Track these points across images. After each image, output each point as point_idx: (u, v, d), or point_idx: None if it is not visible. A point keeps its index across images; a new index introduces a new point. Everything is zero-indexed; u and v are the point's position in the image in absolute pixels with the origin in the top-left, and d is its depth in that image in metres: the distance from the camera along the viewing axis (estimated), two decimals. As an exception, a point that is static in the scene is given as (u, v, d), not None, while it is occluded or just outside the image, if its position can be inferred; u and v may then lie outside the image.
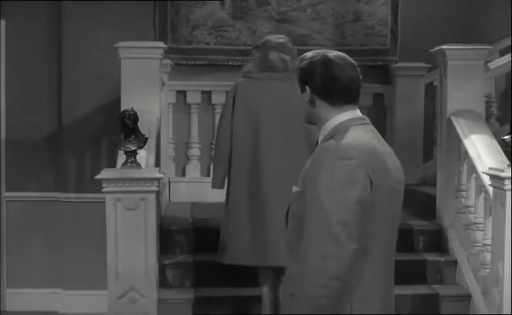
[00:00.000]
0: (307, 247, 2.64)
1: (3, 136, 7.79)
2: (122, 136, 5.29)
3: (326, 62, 2.83)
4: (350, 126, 2.80)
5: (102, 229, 5.34)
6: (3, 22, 7.74)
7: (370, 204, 2.68)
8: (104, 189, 5.18)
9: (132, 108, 5.35)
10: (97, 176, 5.20)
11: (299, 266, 2.70)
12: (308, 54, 2.89)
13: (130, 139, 5.27)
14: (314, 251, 2.62)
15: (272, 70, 5.33)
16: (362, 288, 2.72)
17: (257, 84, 5.33)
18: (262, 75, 5.33)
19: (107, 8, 7.62)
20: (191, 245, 6.23)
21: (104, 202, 5.26)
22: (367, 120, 2.88)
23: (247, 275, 5.92)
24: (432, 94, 7.74)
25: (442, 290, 5.99)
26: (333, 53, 2.87)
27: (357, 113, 2.85)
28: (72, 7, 7.67)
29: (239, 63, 7.93)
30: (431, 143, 7.79)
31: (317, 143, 2.91)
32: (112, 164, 6.07)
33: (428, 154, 7.90)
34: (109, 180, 5.16)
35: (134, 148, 5.26)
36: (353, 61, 2.88)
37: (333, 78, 2.81)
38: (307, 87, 2.84)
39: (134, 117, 5.30)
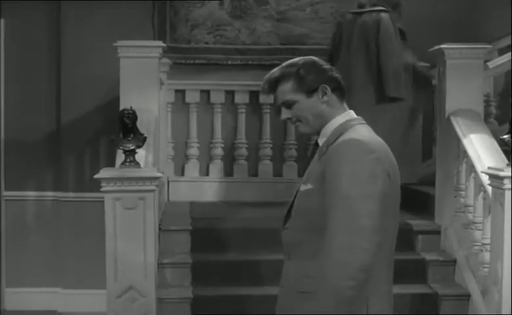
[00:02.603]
0: (332, 240, 2.65)
1: (2, 136, 7.81)
2: (121, 136, 5.29)
3: (320, 60, 2.96)
4: (353, 125, 2.87)
5: (101, 228, 5.34)
6: (3, 21, 7.77)
7: (387, 199, 2.74)
8: (102, 189, 5.17)
9: (131, 107, 5.35)
10: (96, 176, 5.20)
11: (311, 261, 2.77)
12: (295, 60, 2.95)
13: (129, 138, 5.26)
14: (340, 243, 2.63)
15: (359, 6, 6.94)
16: (376, 284, 2.75)
17: (351, 15, 6.99)
18: (354, 10, 6.96)
19: (106, 8, 7.64)
20: (190, 245, 6.24)
21: (102, 201, 5.26)
22: (364, 121, 2.94)
23: (247, 274, 5.94)
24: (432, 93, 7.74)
25: (441, 289, 5.99)
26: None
27: (354, 113, 2.94)
28: (71, 7, 7.68)
29: (238, 62, 7.99)
30: (430, 142, 7.79)
31: (316, 144, 2.94)
32: (111, 163, 6.06)
33: (427, 153, 7.88)
34: (108, 180, 5.16)
35: (133, 147, 5.26)
36: None
37: (334, 72, 2.95)
38: (325, 85, 2.88)
39: (133, 116, 5.30)
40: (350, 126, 2.86)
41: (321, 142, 2.91)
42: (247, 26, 8.08)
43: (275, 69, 2.95)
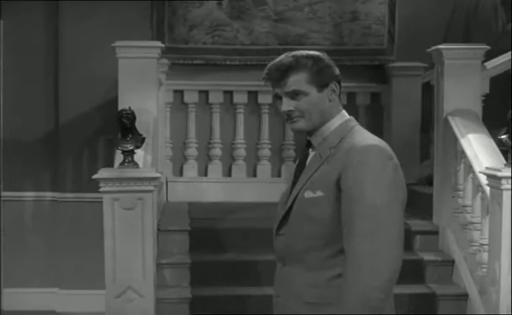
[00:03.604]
0: (358, 249, 2.56)
1: (1, 136, 7.80)
2: (119, 136, 5.32)
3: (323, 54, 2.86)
4: (353, 126, 2.81)
5: (98, 229, 5.36)
6: (1, 22, 7.76)
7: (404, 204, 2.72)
8: (101, 189, 5.20)
9: (129, 108, 5.37)
10: (94, 176, 5.22)
11: (319, 272, 2.69)
12: (308, 52, 2.81)
13: (128, 138, 5.29)
14: (368, 253, 2.55)
15: None
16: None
17: None
18: None
19: (105, 8, 7.65)
20: (188, 245, 6.25)
21: (100, 202, 5.29)
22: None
23: (245, 274, 5.95)
24: (430, 94, 7.72)
25: (439, 289, 6.04)
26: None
27: (346, 113, 2.87)
28: (69, 6, 7.68)
29: (237, 62, 8.01)
30: (428, 142, 7.79)
31: (309, 144, 2.86)
32: (109, 164, 6.07)
33: (425, 154, 7.90)
34: (106, 180, 5.18)
35: (131, 148, 5.28)
36: None
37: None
38: (336, 82, 2.80)
39: (131, 116, 5.32)
40: (350, 127, 2.79)
41: (316, 142, 2.83)
42: (245, 26, 8.08)
43: (284, 57, 2.80)
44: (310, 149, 2.87)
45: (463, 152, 6.06)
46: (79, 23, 7.69)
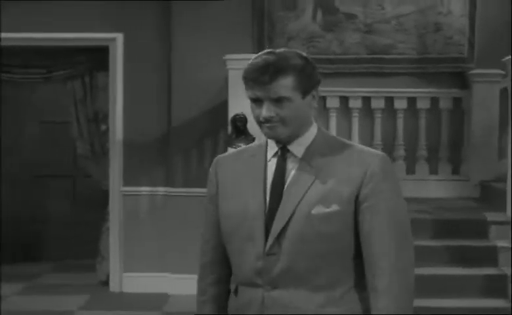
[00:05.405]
0: (392, 260, 2.43)
1: (121, 138, 8.34)
2: (234, 136, 5.94)
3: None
4: (329, 133, 2.66)
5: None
6: (120, 36, 8.27)
7: None
8: (218, 182, 5.82)
9: (242, 112, 5.94)
10: (212, 170, 5.86)
11: (334, 288, 2.50)
12: (289, 52, 2.56)
13: (241, 138, 5.90)
14: (404, 264, 2.45)
15: None
16: None
17: None
18: None
19: (212, 21, 8.03)
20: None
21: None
22: None
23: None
24: (507, 99, 8.02)
25: (510, 271, 6.36)
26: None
27: None
28: (181, 18, 8.07)
29: (329, 70, 8.35)
30: (505, 143, 7.86)
31: (283, 152, 2.57)
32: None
33: (504, 153, 7.95)
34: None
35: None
36: None
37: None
38: (317, 89, 2.56)
39: (244, 120, 5.95)
40: (330, 135, 2.63)
41: (298, 151, 2.55)
42: (337, 38, 8.45)
43: (269, 56, 2.50)
44: (289, 160, 2.57)
45: (533, 151, 6.39)
46: (188, 35, 8.06)
